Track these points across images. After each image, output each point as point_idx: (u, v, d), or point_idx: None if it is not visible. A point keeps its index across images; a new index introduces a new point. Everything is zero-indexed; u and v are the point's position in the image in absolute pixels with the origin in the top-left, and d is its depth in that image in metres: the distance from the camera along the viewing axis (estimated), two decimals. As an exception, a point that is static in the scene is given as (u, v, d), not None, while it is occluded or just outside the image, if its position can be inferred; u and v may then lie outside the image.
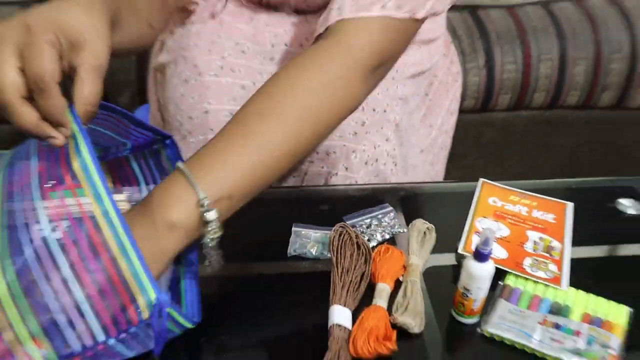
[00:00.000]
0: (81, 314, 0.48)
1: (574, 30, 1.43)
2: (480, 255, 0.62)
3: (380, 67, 0.75)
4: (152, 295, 0.48)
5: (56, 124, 0.49)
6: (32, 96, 0.48)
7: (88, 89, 0.50)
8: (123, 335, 0.48)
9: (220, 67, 0.89)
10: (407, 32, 0.76)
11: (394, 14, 0.71)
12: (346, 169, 0.90)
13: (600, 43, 1.42)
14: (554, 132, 1.54)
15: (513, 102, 1.45)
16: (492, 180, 0.86)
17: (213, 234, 0.59)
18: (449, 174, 1.13)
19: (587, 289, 0.70)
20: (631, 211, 0.85)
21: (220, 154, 0.62)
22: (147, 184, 0.71)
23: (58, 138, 0.50)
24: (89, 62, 0.50)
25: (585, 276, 0.73)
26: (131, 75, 1.37)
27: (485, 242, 0.61)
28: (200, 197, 0.57)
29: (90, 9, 0.52)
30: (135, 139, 0.66)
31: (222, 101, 0.87)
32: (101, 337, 0.48)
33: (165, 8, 0.84)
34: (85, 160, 0.49)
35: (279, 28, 0.97)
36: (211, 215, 0.58)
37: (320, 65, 0.70)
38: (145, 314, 0.48)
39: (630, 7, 1.47)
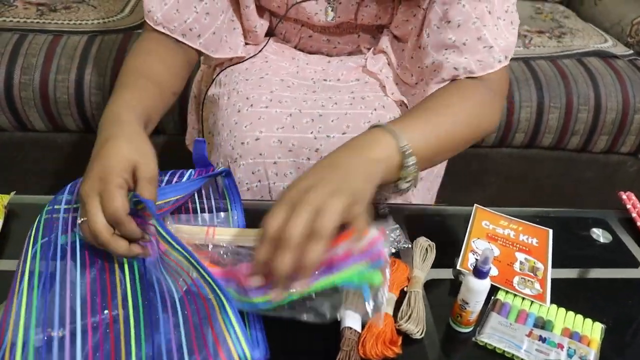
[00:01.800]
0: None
1: (549, 84, 1.39)
2: (479, 273, 0.57)
3: (505, 99, 0.82)
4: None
5: (136, 239, 0.55)
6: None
7: (146, 196, 0.55)
8: None
9: (269, 100, 0.86)
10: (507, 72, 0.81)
11: (505, 63, 0.77)
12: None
13: (571, 95, 1.39)
14: (529, 167, 1.49)
15: (497, 140, 1.41)
16: (473, 202, 0.81)
17: (409, 178, 0.61)
18: (439, 197, 1.08)
19: (566, 306, 0.65)
20: (602, 240, 0.80)
21: (409, 125, 0.64)
22: (202, 211, 0.71)
23: (144, 252, 0.56)
24: (143, 176, 0.56)
25: (564, 294, 0.68)
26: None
27: (485, 261, 0.56)
28: (401, 145, 0.60)
29: (135, 141, 0.59)
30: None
31: (272, 129, 0.83)
32: None
33: (188, 68, 0.86)
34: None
35: (318, 66, 0.94)
36: (411, 159, 0.60)
37: (474, 92, 0.75)
38: None
39: (595, 68, 1.44)
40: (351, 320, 0.58)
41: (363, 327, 0.58)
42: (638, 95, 1.39)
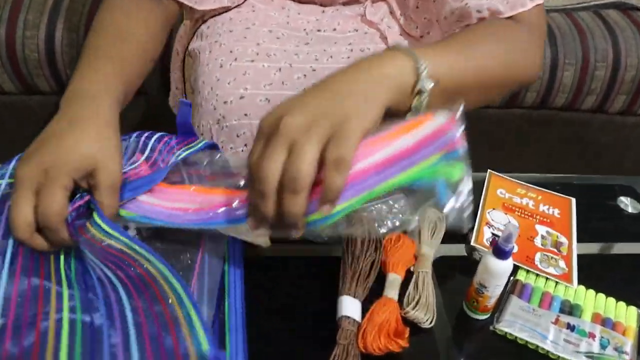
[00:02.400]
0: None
1: (563, 38, 1.28)
2: (501, 252, 0.48)
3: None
4: (205, 347, 0.38)
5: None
6: None
7: (106, 203, 0.47)
8: None
9: (256, 53, 0.76)
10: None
11: (539, 1, 0.64)
12: None
13: (587, 51, 1.28)
14: (540, 129, 1.40)
15: (507, 100, 1.31)
16: (480, 166, 0.73)
17: (421, 101, 0.50)
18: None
19: (594, 287, 0.57)
20: (631, 210, 0.71)
21: (432, 51, 0.53)
22: None
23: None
24: (104, 183, 0.48)
25: (591, 273, 0.60)
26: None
27: (508, 238, 0.47)
28: (419, 64, 0.49)
29: (104, 135, 0.50)
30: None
31: (258, 86, 0.74)
32: None
33: (168, 28, 0.74)
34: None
35: (311, 16, 0.83)
36: (428, 83, 0.49)
37: (509, 30, 0.64)
38: None
39: (613, 21, 1.33)
40: (349, 308, 0.50)
41: (364, 315, 0.50)
42: (660, 51, 1.29)
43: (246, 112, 0.74)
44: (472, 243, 0.60)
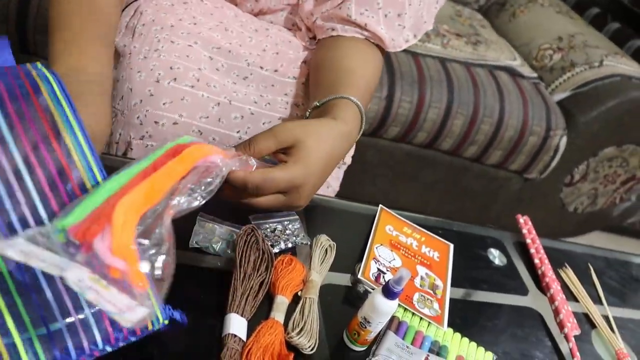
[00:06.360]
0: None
1: (460, 89, 1.39)
2: (390, 292, 0.51)
3: None
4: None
5: None
6: None
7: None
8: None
9: (196, 79, 0.71)
10: None
11: (414, 41, 0.80)
12: None
13: (478, 104, 1.39)
14: (423, 167, 1.49)
15: (400, 135, 1.39)
16: (364, 194, 0.77)
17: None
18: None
19: (459, 329, 0.63)
20: (497, 262, 0.79)
21: (359, 94, 0.68)
22: None
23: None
24: None
25: (457, 316, 0.65)
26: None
27: (399, 281, 0.50)
28: (363, 122, 0.68)
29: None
30: None
31: (194, 116, 0.70)
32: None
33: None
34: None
35: (254, 50, 0.78)
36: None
37: (376, 57, 0.78)
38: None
39: (504, 83, 1.46)
40: (236, 326, 0.49)
41: (249, 334, 0.50)
42: (536, 118, 1.44)
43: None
44: (358, 276, 0.62)
